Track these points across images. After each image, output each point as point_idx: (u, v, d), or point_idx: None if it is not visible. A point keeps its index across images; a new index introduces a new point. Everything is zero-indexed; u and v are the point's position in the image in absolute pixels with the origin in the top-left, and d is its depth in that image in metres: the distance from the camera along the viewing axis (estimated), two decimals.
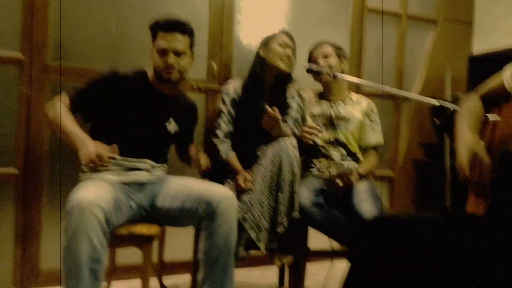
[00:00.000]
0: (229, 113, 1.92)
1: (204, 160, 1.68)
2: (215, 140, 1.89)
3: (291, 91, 2.01)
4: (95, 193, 1.34)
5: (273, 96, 1.96)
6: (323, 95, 2.10)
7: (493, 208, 0.84)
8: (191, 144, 1.79)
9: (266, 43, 1.93)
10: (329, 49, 2.03)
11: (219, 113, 1.93)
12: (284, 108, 1.96)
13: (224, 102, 1.93)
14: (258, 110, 1.87)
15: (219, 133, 1.90)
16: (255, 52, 1.98)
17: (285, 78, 1.97)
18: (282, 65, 1.89)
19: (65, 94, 1.59)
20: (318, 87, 2.15)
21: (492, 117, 1.00)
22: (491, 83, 1.13)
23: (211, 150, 1.90)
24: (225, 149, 1.87)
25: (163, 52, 1.60)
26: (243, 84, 1.97)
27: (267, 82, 1.95)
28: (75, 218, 1.26)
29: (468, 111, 1.09)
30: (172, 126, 1.73)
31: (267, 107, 1.71)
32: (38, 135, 2.01)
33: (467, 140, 0.91)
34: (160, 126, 1.71)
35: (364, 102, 2.09)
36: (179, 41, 1.61)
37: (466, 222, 0.89)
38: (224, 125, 1.91)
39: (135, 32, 2.17)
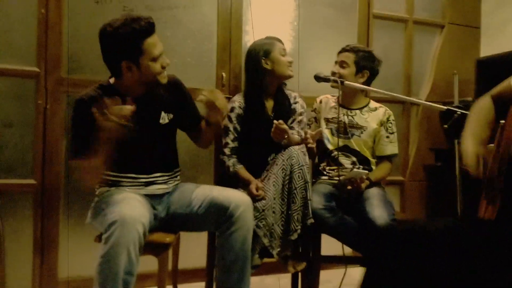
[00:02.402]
0: (235, 129, 1.95)
1: (220, 99, 1.57)
2: (223, 157, 1.94)
3: (293, 95, 2.05)
4: (137, 209, 1.38)
5: (277, 104, 1.99)
6: (342, 102, 2.07)
7: (504, 211, 0.85)
8: (202, 120, 1.73)
9: (267, 54, 1.94)
10: (349, 58, 1.99)
11: (225, 130, 1.96)
12: (289, 115, 2.00)
13: (230, 119, 1.96)
14: (265, 121, 1.91)
15: (226, 150, 1.94)
16: (250, 63, 1.98)
17: (283, 83, 2.03)
18: (290, 72, 1.96)
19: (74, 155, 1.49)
20: (335, 92, 2.13)
21: (503, 122, 1.01)
22: (500, 86, 1.15)
23: (221, 164, 1.95)
24: (233, 163, 1.91)
25: (156, 58, 1.49)
26: (244, 96, 2.00)
27: (271, 90, 1.99)
28: (118, 231, 1.29)
29: (477, 112, 1.11)
30: (166, 118, 1.65)
31: (275, 121, 1.74)
32: (54, 146, 2.06)
33: (470, 141, 0.93)
34: (156, 127, 1.63)
35: (381, 111, 2.06)
36: (158, 39, 1.50)
37: (478, 228, 0.91)
38: (231, 142, 1.95)
39: None
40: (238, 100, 1.99)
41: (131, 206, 1.38)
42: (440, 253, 0.85)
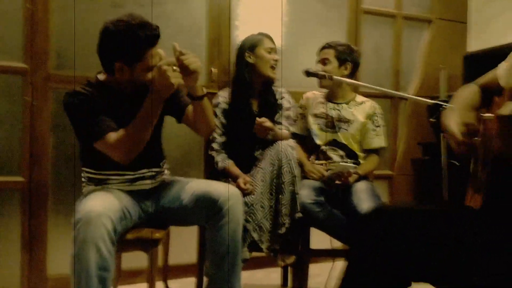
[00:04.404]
0: (221, 124, 1.97)
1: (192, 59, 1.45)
2: (212, 153, 1.95)
3: (280, 91, 2.06)
4: (103, 204, 1.37)
5: (262, 100, 2.00)
6: (329, 97, 2.13)
7: (488, 202, 0.87)
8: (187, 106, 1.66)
9: (253, 48, 1.96)
10: (329, 55, 2.04)
11: None
12: (276, 111, 2.01)
13: (215, 115, 1.96)
14: (250, 117, 1.92)
15: (215, 145, 1.95)
16: (237, 57, 2.00)
17: (271, 85, 2.03)
18: (271, 73, 1.96)
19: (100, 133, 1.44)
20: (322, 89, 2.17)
21: (485, 115, 1.03)
22: (486, 76, 1.17)
23: (210, 160, 1.95)
24: (221, 158, 1.92)
25: (152, 68, 1.45)
26: (231, 91, 2.01)
27: (255, 87, 2.00)
28: (84, 228, 1.29)
29: (463, 94, 1.13)
30: None
31: (257, 118, 1.75)
32: (42, 143, 2.04)
33: (456, 112, 0.95)
34: None
35: (367, 105, 2.10)
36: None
37: (463, 213, 0.92)
38: (218, 137, 1.96)
39: None
40: (222, 95, 2.01)
41: (97, 202, 1.36)
42: (423, 238, 0.86)
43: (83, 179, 1.63)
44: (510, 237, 0.83)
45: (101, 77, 1.56)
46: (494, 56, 1.13)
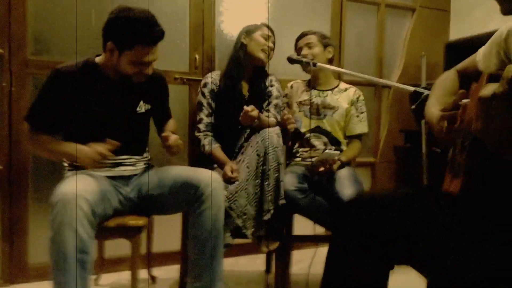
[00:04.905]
0: (209, 105, 1.96)
1: (174, 142, 1.60)
2: (198, 135, 1.93)
3: (270, 79, 2.07)
4: (79, 186, 1.35)
5: (252, 86, 2.00)
6: (312, 85, 2.14)
7: (467, 186, 0.89)
8: (169, 120, 1.82)
9: (249, 32, 1.98)
10: (313, 39, 2.07)
11: (199, 106, 1.96)
12: (264, 98, 2.01)
13: (203, 95, 1.96)
14: (239, 100, 1.92)
15: (201, 126, 1.93)
16: (236, 40, 2.02)
17: (262, 71, 2.03)
18: (262, 56, 1.96)
19: (34, 127, 1.53)
20: (305, 76, 2.19)
21: (464, 100, 1.05)
22: (465, 61, 1.19)
23: (196, 143, 1.93)
24: (209, 142, 1.91)
25: (140, 64, 1.50)
26: (223, 72, 2.01)
27: (247, 70, 2.00)
28: (60, 211, 1.28)
29: (442, 82, 1.15)
30: (143, 108, 1.67)
31: (245, 106, 1.75)
32: (20, 130, 1.99)
33: (435, 100, 0.96)
34: (132, 114, 1.64)
35: (351, 91, 2.13)
36: (157, 51, 1.53)
37: (442, 197, 0.94)
38: (205, 118, 1.95)
39: None
40: (211, 76, 2.01)
41: (74, 185, 1.35)
42: (402, 221, 0.88)
43: (65, 164, 1.62)
44: (487, 220, 0.85)
45: (98, 59, 1.59)
46: (475, 44, 1.15)
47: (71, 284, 1.28)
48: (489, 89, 0.73)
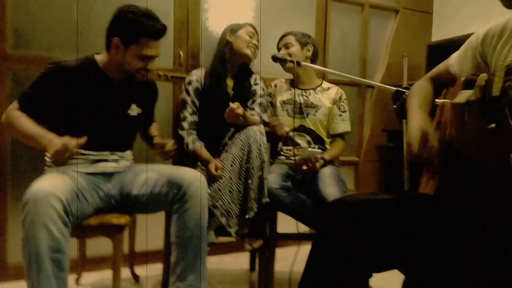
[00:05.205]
0: (193, 103, 1.94)
1: (172, 147, 1.66)
2: (181, 132, 1.92)
3: (254, 77, 2.07)
4: (51, 184, 1.32)
5: (237, 84, 2.00)
6: (294, 84, 2.15)
7: (442, 187, 0.91)
8: (152, 124, 1.84)
9: (234, 30, 1.98)
10: (291, 39, 2.09)
11: (183, 104, 1.95)
12: (249, 96, 2.01)
13: (187, 93, 1.95)
14: (224, 97, 1.92)
15: (185, 124, 1.92)
16: (220, 38, 2.01)
17: (247, 69, 2.03)
18: (248, 52, 1.96)
19: (16, 102, 1.51)
20: (288, 75, 2.20)
21: (439, 101, 1.07)
22: (438, 68, 1.20)
23: (179, 141, 1.92)
24: (192, 140, 1.90)
25: (145, 57, 1.54)
26: (208, 70, 2.00)
27: (232, 68, 2.00)
28: (31, 209, 1.25)
29: (417, 92, 1.16)
30: (134, 111, 1.69)
31: (231, 103, 1.74)
32: None
33: (417, 119, 0.97)
34: (123, 116, 1.65)
35: (333, 90, 2.15)
36: (160, 46, 1.57)
37: (418, 200, 0.96)
38: (189, 116, 1.93)
39: (97, 18, 2.12)
40: (196, 74, 2.00)
41: (45, 182, 1.32)
42: (381, 225, 0.89)
43: (46, 159, 1.59)
44: (462, 220, 0.87)
45: (98, 57, 1.59)
46: (456, 45, 1.17)
47: (45, 284, 1.26)
48: (463, 96, 0.75)
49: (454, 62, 1.12)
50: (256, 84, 2.05)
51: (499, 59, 0.95)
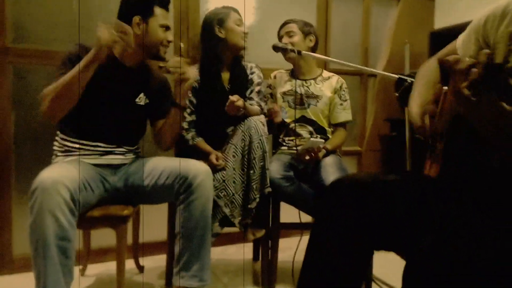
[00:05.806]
0: (191, 102, 1.94)
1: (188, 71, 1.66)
2: (181, 132, 1.92)
3: (250, 66, 2.05)
4: (60, 172, 1.33)
5: (233, 76, 1.98)
6: (295, 74, 2.14)
7: (444, 170, 0.91)
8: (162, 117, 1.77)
9: (221, 23, 1.92)
10: (293, 27, 2.06)
11: None
12: (246, 86, 2.00)
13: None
14: (221, 93, 1.90)
15: (184, 124, 1.93)
16: (205, 30, 1.96)
17: (240, 59, 2.01)
18: (243, 43, 1.94)
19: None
20: (288, 65, 2.18)
21: (445, 88, 1.06)
22: (446, 49, 1.20)
23: (181, 140, 1.92)
24: (192, 136, 1.91)
25: (165, 27, 1.62)
26: (200, 68, 1.97)
27: (226, 61, 1.98)
28: (39, 197, 1.26)
29: (423, 73, 1.16)
30: (142, 100, 1.69)
31: (230, 96, 1.73)
32: (2, 120, 1.96)
33: (417, 100, 0.98)
34: (131, 104, 1.65)
35: (334, 80, 2.12)
36: (168, 18, 1.67)
37: (422, 182, 0.96)
38: (188, 116, 1.94)
39: (97, 10, 2.11)
40: (192, 72, 1.97)
41: (53, 171, 1.34)
42: (384, 204, 0.89)
43: (55, 148, 1.60)
44: (463, 203, 0.87)
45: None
46: (458, 33, 1.16)
47: (51, 271, 1.27)
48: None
49: (460, 44, 1.12)
50: (252, 73, 2.03)
51: (503, 39, 0.95)
